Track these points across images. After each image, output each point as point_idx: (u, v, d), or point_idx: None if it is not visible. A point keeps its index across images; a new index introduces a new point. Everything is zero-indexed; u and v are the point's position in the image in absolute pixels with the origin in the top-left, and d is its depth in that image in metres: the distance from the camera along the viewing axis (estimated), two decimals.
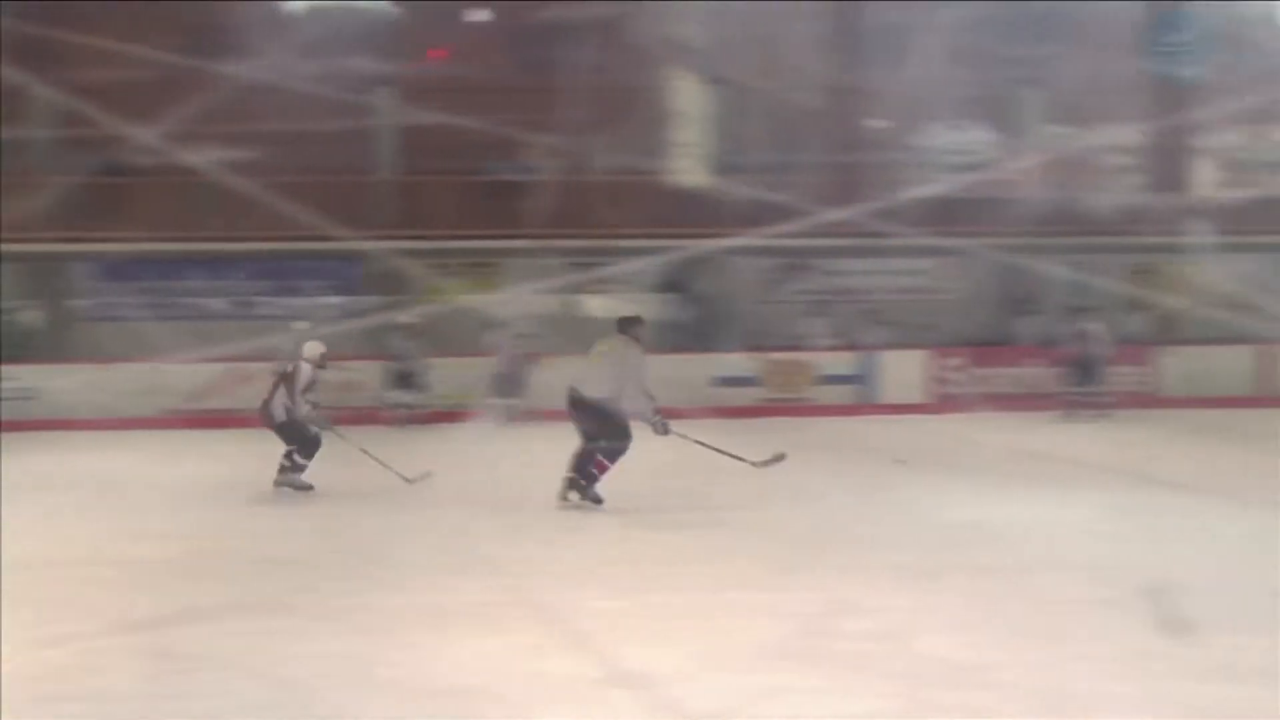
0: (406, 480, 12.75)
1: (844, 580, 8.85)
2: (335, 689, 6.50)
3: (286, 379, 12.93)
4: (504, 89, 22.32)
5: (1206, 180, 26.29)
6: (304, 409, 12.80)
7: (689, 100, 25.06)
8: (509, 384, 19.61)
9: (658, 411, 11.72)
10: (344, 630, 7.59)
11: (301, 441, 12.88)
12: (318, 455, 12.92)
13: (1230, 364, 21.82)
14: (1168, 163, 25.02)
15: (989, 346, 22.70)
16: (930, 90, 24.73)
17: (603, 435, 11.66)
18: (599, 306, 23.67)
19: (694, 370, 21.21)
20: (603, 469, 11.71)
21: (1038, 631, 7.43)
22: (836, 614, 7.90)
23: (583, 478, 11.73)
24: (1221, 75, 24.71)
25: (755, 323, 23.17)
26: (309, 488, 12.83)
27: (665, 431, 11.76)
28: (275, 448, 12.95)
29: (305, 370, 12.89)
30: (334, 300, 22.81)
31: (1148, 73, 24.57)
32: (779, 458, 12.00)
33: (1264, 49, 27.07)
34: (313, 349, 13.10)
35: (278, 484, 12.85)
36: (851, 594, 8.43)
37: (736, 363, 21.57)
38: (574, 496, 11.74)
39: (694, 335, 22.65)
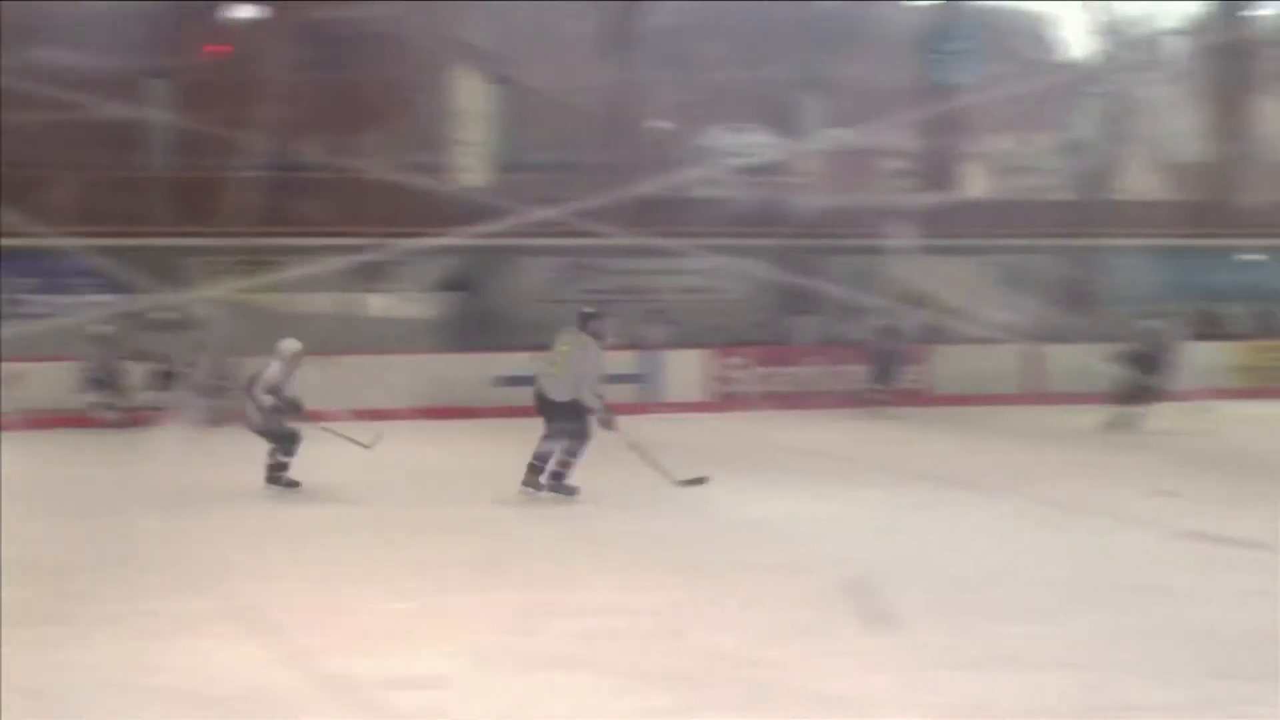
0: (363, 445, 12.83)
1: (623, 579, 8.85)
2: (100, 698, 6.27)
3: (254, 379, 12.77)
4: (284, 86, 21.92)
5: (976, 183, 27.09)
6: (267, 402, 12.57)
7: (472, 99, 24.95)
8: (212, 385, 19.08)
9: (607, 408, 11.85)
10: (112, 638, 7.32)
11: (279, 439, 12.67)
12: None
13: (997, 363, 22.43)
14: (940, 165, 25.68)
15: (770, 345, 23.02)
16: (712, 92, 25.01)
17: (564, 431, 11.82)
18: (381, 305, 23.43)
19: (476, 370, 21.11)
20: (567, 466, 11.89)
21: (812, 627, 7.51)
22: (614, 612, 7.87)
23: (544, 469, 11.88)
24: (991, 83, 25.44)
25: (538, 322, 23.09)
26: (295, 485, 12.58)
27: (612, 427, 11.90)
28: (40, 448, 12.50)
29: (273, 368, 12.73)
30: (105, 299, 22.10)
31: (923, 78, 25.18)
32: (700, 480, 12.16)
33: (1029, 59, 28.02)
34: (287, 347, 12.92)
35: (268, 482, 12.67)
36: (631, 592, 8.43)
37: (519, 362, 21.47)
38: (538, 488, 11.91)
39: (477, 334, 22.53)
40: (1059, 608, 7.91)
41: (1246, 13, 27.58)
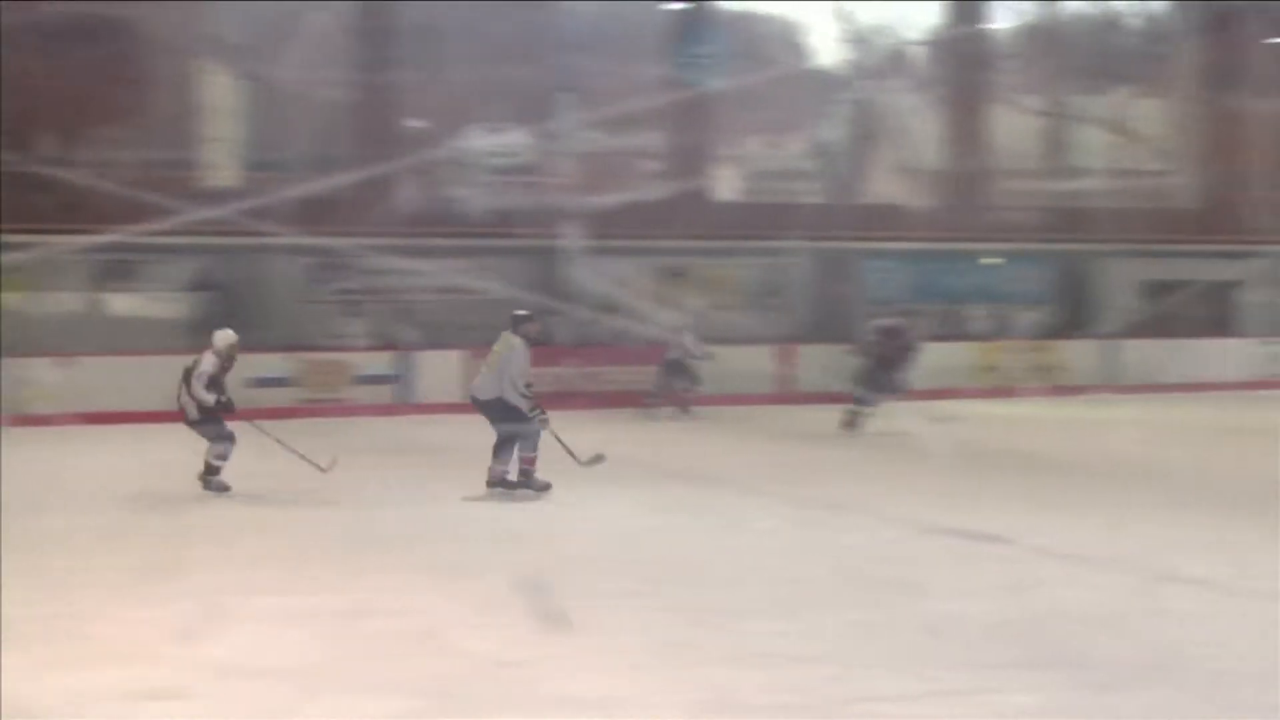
0: (321, 469, 12.43)
1: (381, 581, 8.75)
2: None
3: (188, 371, 12.16)
4: (17, 79, 21.12)
5: (727, 185, 27.51)
6: (208, 400, 12.04)
7: (219, 95, 24.40)
8: None
9: (536, 406, 12.02)
10: None
11: (214, 438, 12.14)
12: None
13: (753, 364, 22.82)
14: (691, 167, 25.97)
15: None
16: (467, 92, 24.90)
17: (513, 429, 11.94)
18: (126, 305, 22.78)
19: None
20: (531, 462, 12.07)
21: (576, 627, 7.50)
22: (369, 614, 7.78)
23: (506, 469, 12.05)
24: (741, 86, 25.85)
25: (291, 322, 22.72)
26: (225, 489, 12.10)
27: (545, 425, 12.05)
28: None
29: (206, 361, 12.15)
30: None
31: (675, 80, 25.43)
32: (599, 459, 12.53)
33: (780, 64, 28.57)
34: (222, 339, 12.37)
35: (203, 486, 12.19)
36: (388, 594, 8.33)
37: (271, 363, 21.08)
38: (504, 486, 12.04)
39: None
40: (809, 604, 8.07)
41: (984, 24, 28.56)
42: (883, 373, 17.80)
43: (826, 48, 28.96)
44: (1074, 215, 27.40)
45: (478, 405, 12.26)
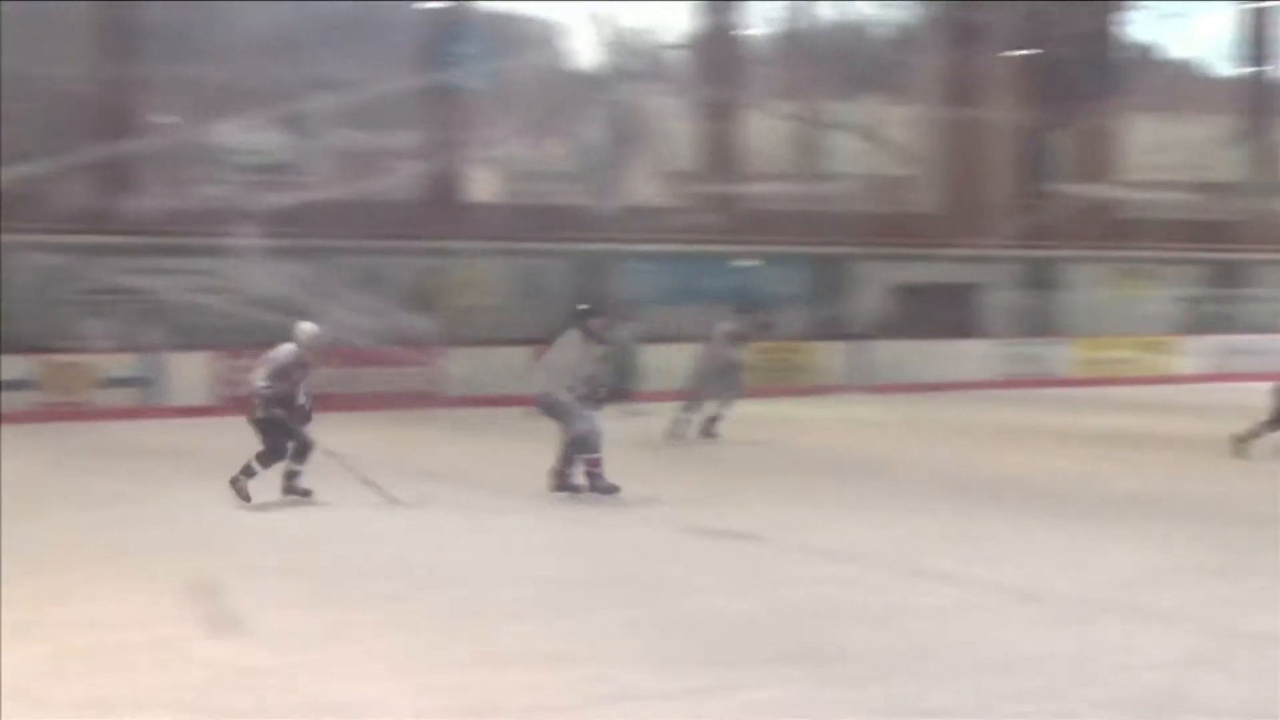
0: (392, 500, 11.48)
1: (126, 591, 8.44)
2: None
3: (271, 366, 11.18)
4: None
5: (486, 187, 27.42)
6: (258, 387, 11.06)
7: None
8: None
9: (592, 402, 11.76)
10: None
11: (268, 444, 11.18)
12: None
13: (510, 364, 22.76)
14: (447, 167, 25.83)
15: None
16: (221, 88, 24.33)
17: (570, 432, 11.64)
18: None
19: None
20: (595, 464, 11.67)
21: (324, 631, 7.36)
22: (115, 626, 7.51)
23: (569, 471, 11.77)
24: (501, 87, 25.84)
25: (30, 322, 21.84)
26: (246, 499, 11.15)
27: (592, 424, 11.69)
28: None
29: (281, 354, 11.11)
30: None
31: (435, 80, 25.27)
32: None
33: (539, 66, 28.61)
34: (305, 331, 11.27)
35: (284, 492, 11.36)
36: (134, 604, 8.05)
37: (9, 365, 20.28)
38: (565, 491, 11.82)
39: None
40: (568, 604, 8.06)
41: (740, 30, 29.02)
42: (727, 374, 17.37)
43: (586, 50, 29.08)
44: (826, 219, 28.01)
45: (542, 407, 11.92)
